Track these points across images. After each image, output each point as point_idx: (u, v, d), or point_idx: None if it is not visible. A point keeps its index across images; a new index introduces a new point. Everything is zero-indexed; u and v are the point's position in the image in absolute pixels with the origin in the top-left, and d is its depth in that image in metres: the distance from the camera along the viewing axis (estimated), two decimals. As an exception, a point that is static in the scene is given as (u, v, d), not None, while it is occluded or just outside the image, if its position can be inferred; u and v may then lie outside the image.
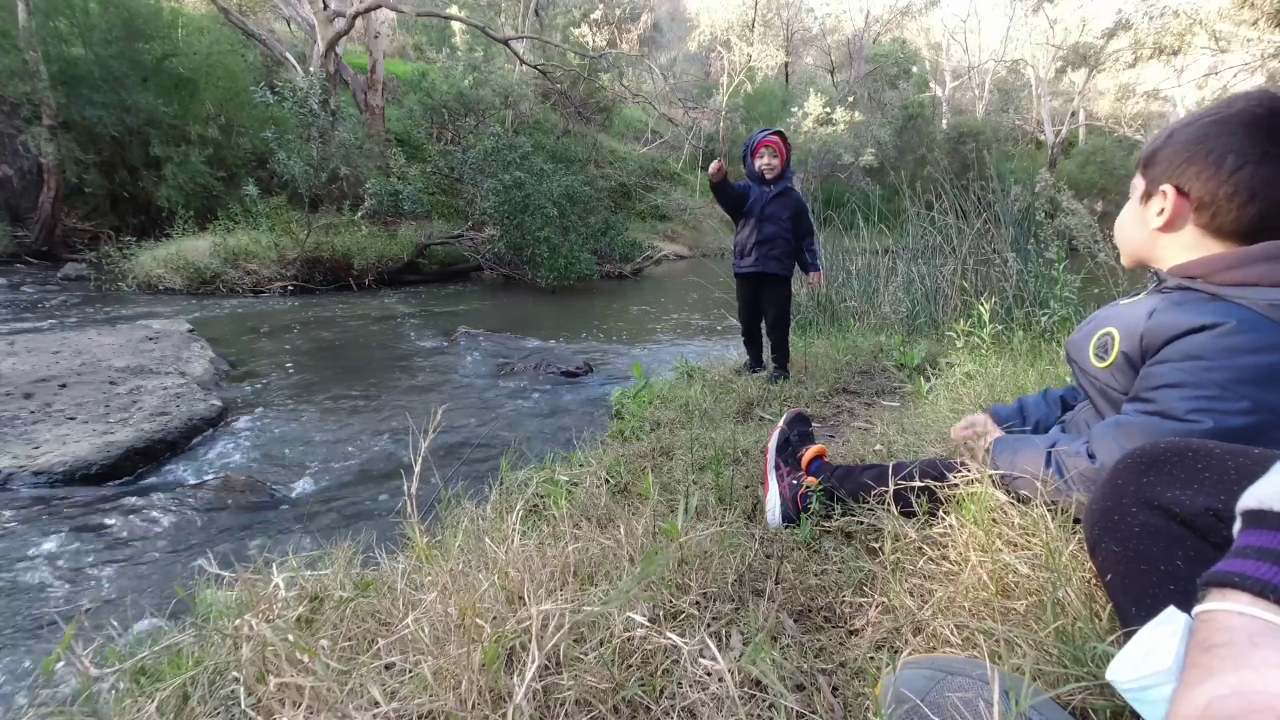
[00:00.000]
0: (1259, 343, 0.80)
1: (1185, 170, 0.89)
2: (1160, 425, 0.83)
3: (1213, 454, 0.66)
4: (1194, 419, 0.80)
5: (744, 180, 2.96)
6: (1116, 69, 21.35)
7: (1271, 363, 0.79)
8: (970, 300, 3.68)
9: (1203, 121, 0.89)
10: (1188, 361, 0.83)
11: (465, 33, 18.83)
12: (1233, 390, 0.79)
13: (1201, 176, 0.88)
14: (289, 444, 3.20)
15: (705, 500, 1.47)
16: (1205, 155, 0.87)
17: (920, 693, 0.68)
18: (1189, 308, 0.86)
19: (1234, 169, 0.85)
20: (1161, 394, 0.85)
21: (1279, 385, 0.79)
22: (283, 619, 0.94)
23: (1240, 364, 0.80)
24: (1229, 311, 0.83)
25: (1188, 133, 0.90)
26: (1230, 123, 0.86)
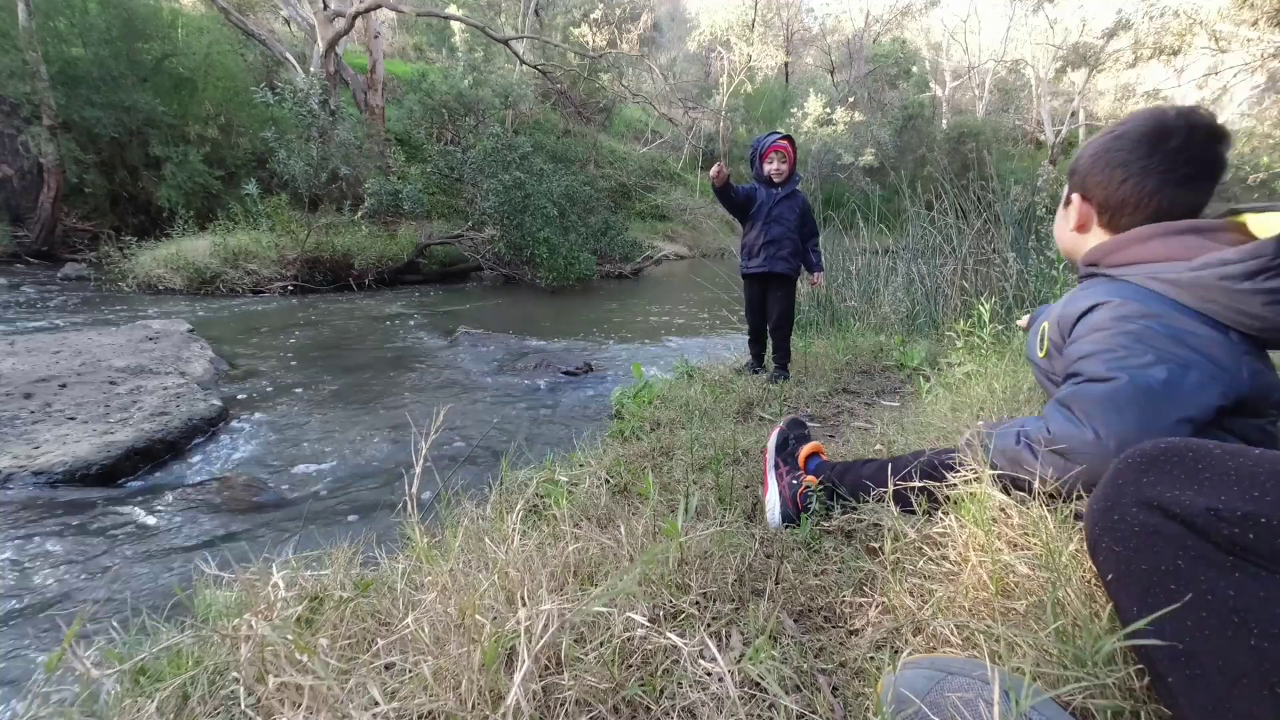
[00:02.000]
0: (1143, 310, 0.94)
1: (1088, 181, 1.07)
2: (1090, 390, 0.93)
3: (1213, 454, 0.66)
4: (1114, 375, 0.90)
5: (747, 183, 2.99)
6: (1116, 69, 21.35)
7: (1162, 324, 0.92)
8: (970, 300, 3.68)
9: (1105, 137, 1.06)
10: (1093, 333, 0.97)
11: (465, 33, 18.83)
12: (1135, 347, 0.91)
13: (1100, 186, 1.05)
14: (289, 444, 3.20)
15: (705, 500, 1.46)
16: (1103, 168, 1.04)
17: (920, 693, 0.68)
18: (1088, 291, 1.02)
19: (1122, 180, 1.02)
20: (1082, 365, 0.96)
21: (1174, 340, 0.91)
22: (282, 619, 0.94)
23: (1132, 327, 0.93)
24: (1115, 289, 0.98)
25: (1094, 147, 1.07)
26: (1124, 139, 1.03)
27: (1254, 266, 0.87)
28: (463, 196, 10.98)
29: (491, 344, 5.71)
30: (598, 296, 9.65)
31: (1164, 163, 0.99)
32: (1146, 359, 0.89)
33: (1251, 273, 0.87)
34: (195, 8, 13.36)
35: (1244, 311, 0.89)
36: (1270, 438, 0.92)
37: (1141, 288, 0.97)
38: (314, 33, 11.69)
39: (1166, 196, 1.00)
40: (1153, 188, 1.00)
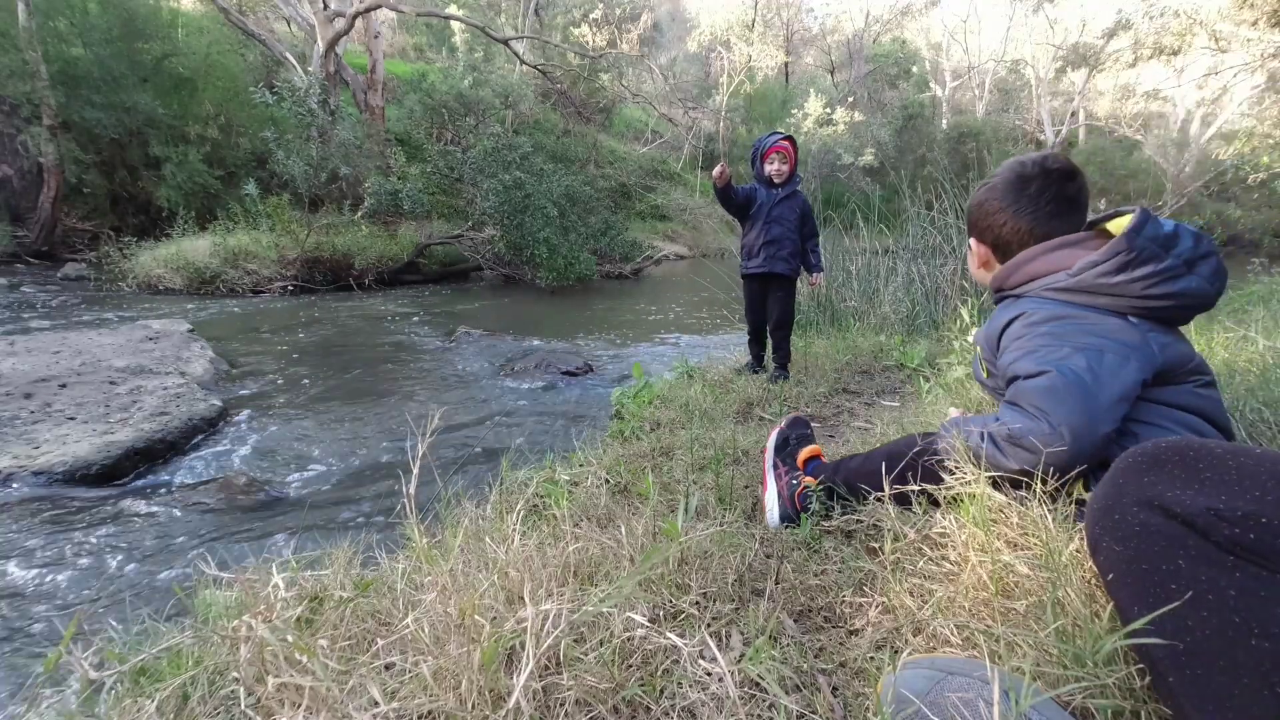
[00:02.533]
0: (1048, 314, 1.07)
1: (979, 227, 1.27)
2: (1030, 385, 1.01)
3: (1213, 453, 0.66)
4: (1043, 369, 1.00)
5: (747, 184, 2.99)
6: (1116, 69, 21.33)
7: (1063, 324, 1.05)
8: (970, 300, 3.68)
9: (983, 190, 1.26)
10: (1015, 342, 1.09)
11: (465, 33, 18.83)
12: (1050, 344, 1.02)
13: (988, 231, 1.25)
14: (289, 444, 3.20)
15: (705, 500, 1.46)
16: (985, 216, 1.24)
17: (920, 693, 0.68)
18: (1003, 311, 1.17)
19: (1001, 224, 1.21)
20: (1015, 367, 1.06)
21: (1079, 332, 1.02)
22: (282, 619, 0.93)
23: (1045, 329, 1.05)
24: (1022, 304, 1.13)
25: (976, 199, 1.28)
26: (994, 190, 1.23)
27: (1118, 263, 1.02)
28: (463, 196, 10.98)
29: (491, 344, 5.71)
30: (598, 296, 9.65)
31: (1029, 205, 1.17)
32: (1064, 351, 1.00)
33: (1119, 267, 1.02)
34: (195, 8, 13.36)
35: (1127, 299, 1.03)
36: (1204, 399, 1.02)
37: (1041, 298, 1.11)
38: (314, 33, 11.69)
39: (1040, 231, 1.17)
40: (1027, 226, 1.18)
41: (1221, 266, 1.06)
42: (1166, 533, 0.66)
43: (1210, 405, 1.03)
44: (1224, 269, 1.06)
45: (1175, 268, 1.02)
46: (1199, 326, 2.82)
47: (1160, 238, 1.03)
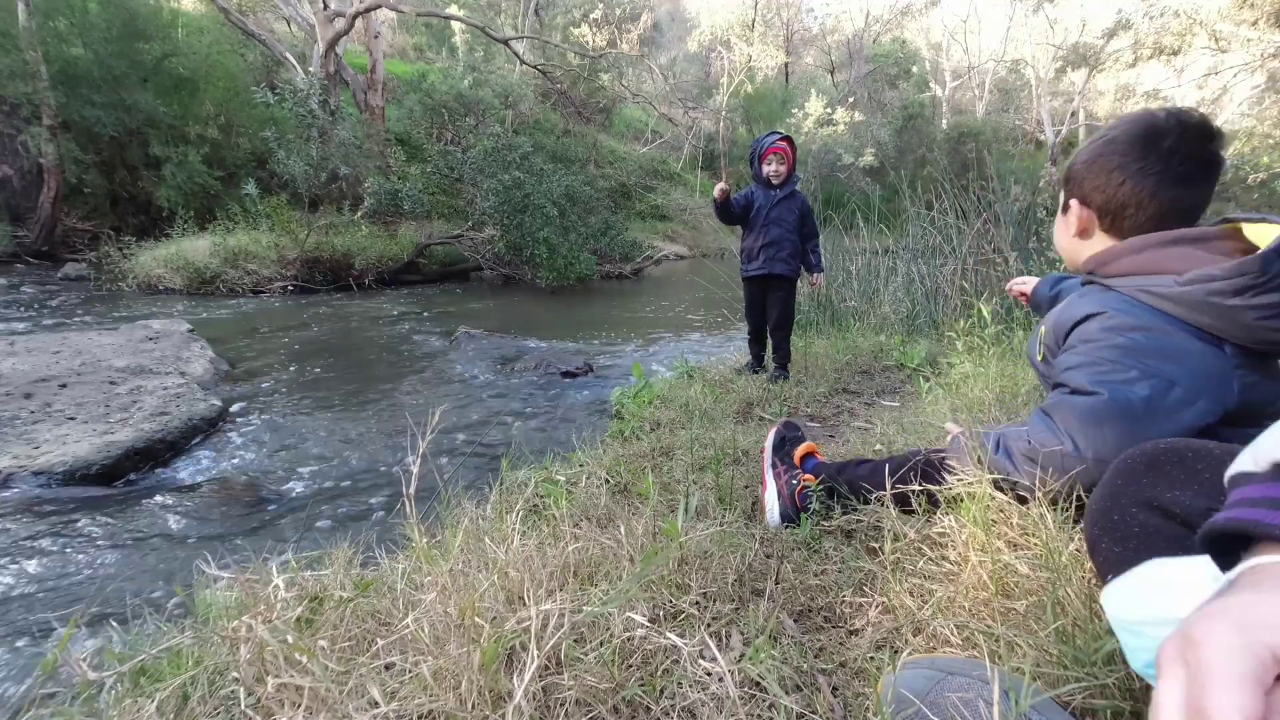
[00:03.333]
0: (1133, 323, 0.93)
1: (1085, 186, 1.06)
2: (1072, 401, 0.94)
3: (1212, 454, 0.66)
4: (1096, 390, 0.91)
5: (746, 187, 3.00)
6: (1116, 69, 21.34)
7: (1151, 338, 0.92)
8: (970, 300, 3.68)
9: (1098, 143, 1.05)
10: (1082, 344, 0.97)
11: (465, 33, 18.83)
12: (1120, 362, 0.91)
13: (1098, 191, 1.04)
14: (289, 444, 3.20)
15: (705, 500, 1.47)
16: (1099, 172, 1.04)
17: (920, 693, 0.68)
18: (1083, 300, 1.02)
19: (1120, 183, 1.01)
20: (1068, 375, 0.97)
21: (1161, 355, 0.90)
22: (282, 620, 0.94)
23: (1121, 341, 0.93)
24: (1109, 300, 0.98)
25: (1088, 153, 1.06)
26: (1116, 142, 1.02)
27: (1241, 284, 0.87)
28: (463, 196, 10.98)
29: (491, 344, 5.71)
30: (598, 297, 9.65)
31: (1159, 163, 0.98)
32: (1130, 374, 0.90)
33: (1239, 289, 0.87)
34: (195, 8, 13.36)
35: (1235, 325, 0.89)
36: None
37: (1134, 300, 0.96)
38: (314, 33, 11.69)
39: (1165, 196, 0.99)
40: (1151, 188, 0.99)
41: None
42: (1166, 533, 0.66)
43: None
44: None
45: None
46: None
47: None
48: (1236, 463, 0.47)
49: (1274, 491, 0.42)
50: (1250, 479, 0.45)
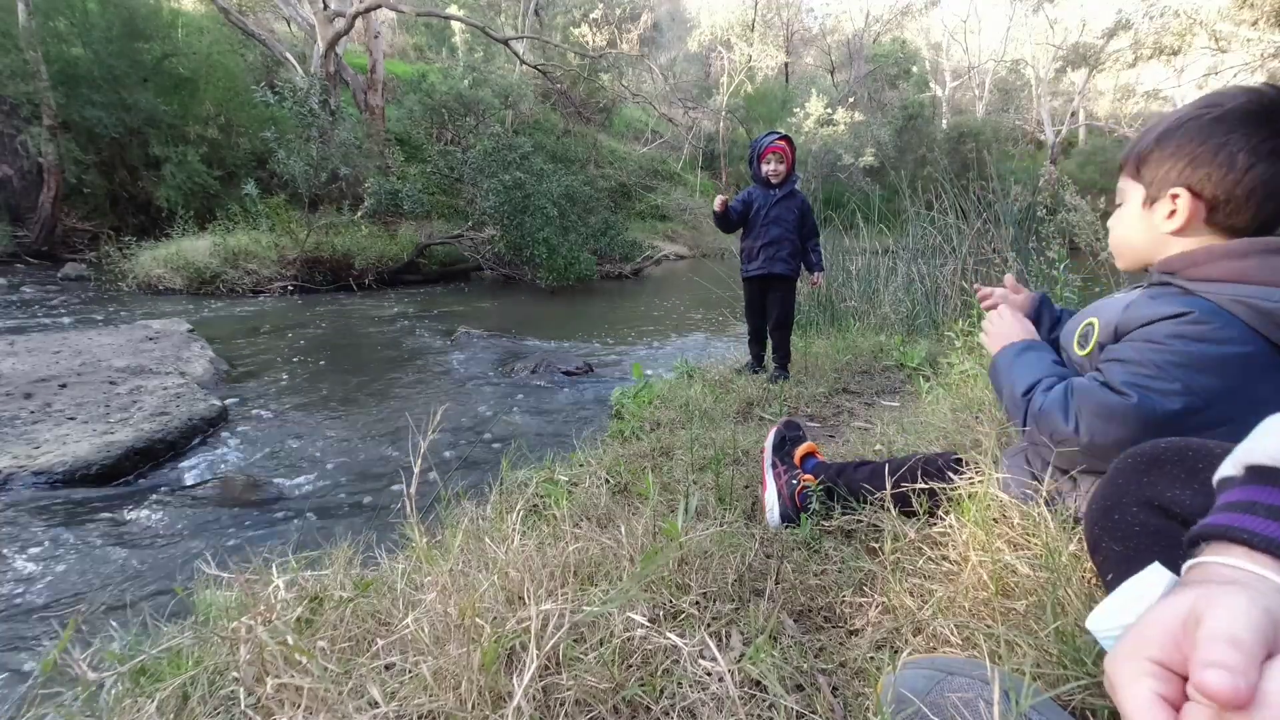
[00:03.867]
0: (1213, 334, 0.82)
1: (1195, 172, 0.87)
2: (1098, 392, 0.88)
3: (1213, 453, 0.66)
4: (1126, 392, 0.85)
5: (745, 189, 3.02)
6: (1116, 69, 21.35)
7: (1220, 353, 0.81)
8: (970, 300, 3.67)
9: (1200, 120, 0.87)
10: (1142, 342, 0.88)
11: (465, 33, 18.83)
12: (1168, 372, 0.83)
13: (1214, 177, 0.86)
14: (289, 444, 3.20)
15: (705, 500, 1.47)
16: (1214, 155, 0.85)
17: (920, 693, 0.68)
18: (1161, 301, 0.89)
19: (1247, 167, 0.83)
20: (1109, 366, 0.90)
21: (1219, 374, 0.82)
22: (282, 620, 0.94)
23: (1186, 350, 0.83)
24: (1192, 303, 0.86)
25: (1186, 132, 0.88)
26: (1230, 120, 0.84)
27: None
28: (463, 196, 10.97)
29: (491, 344, 5.71)
30: (598, 297, 9.65)
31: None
32: (1172, 386, 0.82)
33: None
34: (195, 8, 13.36)
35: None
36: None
37: (1220, 308, 0.84)
38: (314, 33, 11.68)
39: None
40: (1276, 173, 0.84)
41: None
42: (1166, 533, 0.66)
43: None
44: None
45: None
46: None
47: None
48: (1221, 468, 0.48)
49: (1247, 495, 0.43)
50: (1230, 483, 0.46)
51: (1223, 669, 0.31)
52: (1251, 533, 0.40)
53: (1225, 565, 0.39)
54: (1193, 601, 0.36)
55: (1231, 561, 0.39)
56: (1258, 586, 0.37)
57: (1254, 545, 0.39)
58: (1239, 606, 0.34)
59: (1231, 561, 0.39)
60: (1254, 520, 0.40)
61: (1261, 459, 0.44)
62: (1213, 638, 0.33)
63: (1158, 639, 0.36)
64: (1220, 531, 0.42)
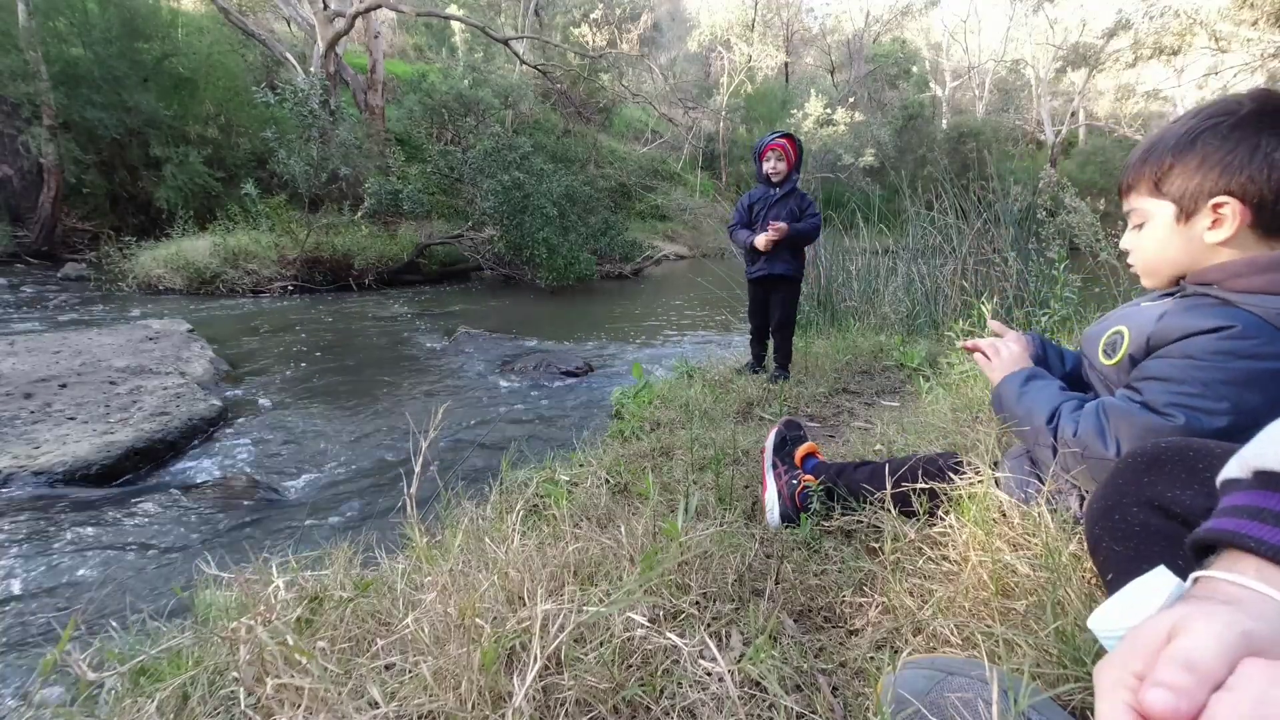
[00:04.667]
0: (1259, 349, 0.80)
1: (1236, 177, 0.84)
2: (1139, 414, 0.85)
3: (1214, 453, 0.66)
4: (1170, 413, 0.82)
5: (746, 193, 3.02)
6: (1116, 69, 21.34)
7: (1267, 369, 0.79)
8: (970, 300, 3.68)
9: (1219, 128, 0.86)
10: (1182, 359, 0.84)
11: (465, 33, 18.83)
12: (1215, 390, 0.80)
13: (1257, 179, 0.83)
14: (289, 444, 3.20)
15: (705, 500, 1.47)
16: (1250, 158, 0.83)
17: (920, 693, 0.68)
18: (1199, 312, 0.86)
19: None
20: (1147, 385, 0.86)
21: (1266, 390, 0.79)
22: (282, 620, 0.94)
23: (1232, 366, 0.80)
24: (1236, 316, 0.82)
25: (1209, 142, 0.86)
26: (1253, 122, 0.83)
27: None
28: (463, 196, 10.97)
29: (491, 344, 5.71)
30: (598, 297, 9.65)
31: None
32: (1220, 405, 0.79)
33: None
34: (195, 8, 13.36)
35: None
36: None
37: (1265, 322, 0.81)
38: (314, 33, 11.69)
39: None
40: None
41: None
42: (1166, 533, 0.66)
43: None
44: None
45: None
46: None
47: None
48: (1226, 469, 0.47)
49: (1255, 500, 0.42)
50: (1237, 485, 0.46)
51: (1168, 690, 0.31)
52: (1260, 540, 0.39)
53: (1231, 583, 0.39)
54: (1176, 618, 0.36)
55: (1239, 579, 0.39)
56: (1256, 607, 0.36)
57: (1261, 553, 0.39)
58: (1212, 629, 0.34)
59: (1239, 579, 0.39)
60: (1262, 528, 0.40)
61: (1271, 464, 0.43)
62: (1170, 658, 0.33)
63: (1141, 652, 0.36)
64: (1228, 537, 0.41)
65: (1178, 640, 0.34)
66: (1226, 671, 0.32)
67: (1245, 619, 0.35)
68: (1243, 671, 0.32)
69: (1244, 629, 0.34)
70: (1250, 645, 0.33)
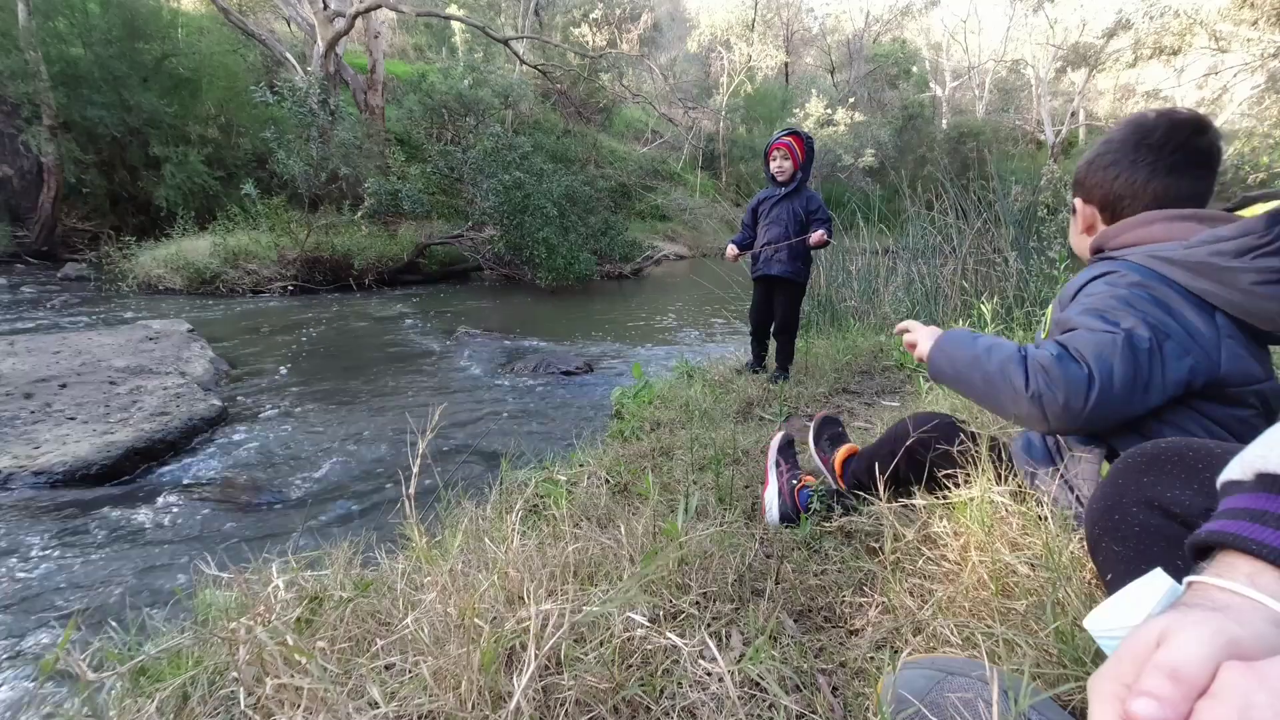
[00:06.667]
0: (1138, 278, 0.98)
1: (1086, 185, 1.14)
2: (1086, 335, 0.95)
3: (1214, 454, 0.66)
4: (1108, 329, 0.94)
5: (755, 195, 3.01)
6: (1116, 69, 21.33)
7: (1150, 292, 0.96)
8: (970, 300, 3.68)
9: (1097, 146, 1.14)
10: (1089, 298, 1.01)
11: (465, 33, 18.82)
12: (1122, 309, 0.95)
13: (1097, 187, 1.12)
14: (289, 444, 3.20)
15: (705, 500, 1.46)
16: (1097, 170, 1.11)
17: (920, 693, 0.68)
18: (1091, 268, 1.08)
19: (1115, 177, 1.09)
20: (1077, 319, 0.98)
21: (1159, 305, 0.94)
22: (281, 620, 0.93)
23: (1122, 293, 0.97)
24: (1115, 264, 1.03)
25: (1087, 156, 1.15)
26: (1111, 143, 1.11)
27: (1245, 244, 0.89)
28: (463, 196, 10.97)
29: (491, 344, 5.71)
30: (598, 297, 9.65)
31: (1149, 155, 1.04)
32: (1131, 320, 0.93)
33: (1242, 250, 0.89)
34: (195, 8, 13.35)
35: (1232, 289, 0.91)
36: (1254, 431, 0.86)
37: (1139, 264, 1.00)
38: (314, 33, 11.68)
39: (1158, 185, 1.04)
40: (1143, 179, 1.05)
41: None
42: (1166, 533, 0.66)
43: None
44: None
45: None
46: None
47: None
48: (1227, 470, 0.47)
49: (1256, 503, 0.42)
50: (1238, 487, 0.45)
51: (1153, 699, 0.32)
52: (1261, 544, 0.39)
53: (1222, 588, 0.39)
54: (1164, 625, 0.36)
55: (1229, 585, 0.39)
56: (1244, 614, 0.36)
57: (1262, 556, 0.39)
58: (1200, 638, 0.34)
59: (1229, 585, 0.39)
60: (1264, 530, 0.40)
61: (1274, 467, 0.43)
62: (1156, 667, 0.33)
63: (1131, 662, 0.36)
64: (1229, 540, 0.41)
65: (1163, 649, 0.34)
66: (1211, 679, 0.32)
67: (1232, 626, 0.35)
68: (1225, 677, 0.32)
69: (1230, 636, 0.34)
70: (1236, 652, 0.33)
